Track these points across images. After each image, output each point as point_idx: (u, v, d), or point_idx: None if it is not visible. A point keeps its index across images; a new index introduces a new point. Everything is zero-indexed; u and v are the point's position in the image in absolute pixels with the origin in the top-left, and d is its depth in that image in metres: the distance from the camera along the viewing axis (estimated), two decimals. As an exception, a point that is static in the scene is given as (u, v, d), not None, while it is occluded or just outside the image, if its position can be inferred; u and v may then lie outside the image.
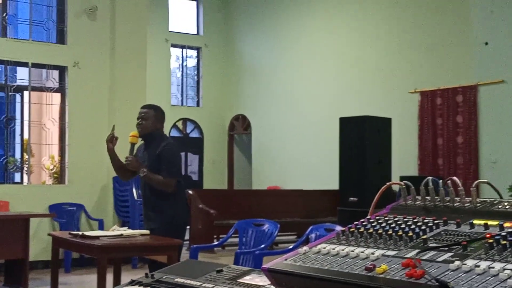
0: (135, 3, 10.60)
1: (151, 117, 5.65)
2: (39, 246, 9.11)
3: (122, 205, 10.10)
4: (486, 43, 11.59)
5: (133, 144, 5.63)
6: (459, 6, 12.36)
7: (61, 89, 10.33)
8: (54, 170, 11.07)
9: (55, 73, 10.39)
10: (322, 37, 15.14)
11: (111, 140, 5.77)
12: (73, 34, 10.24)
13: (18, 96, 11.16)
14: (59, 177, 10.57)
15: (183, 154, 17.68)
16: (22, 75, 10.86)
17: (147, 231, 5.68)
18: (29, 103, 10.54)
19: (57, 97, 10.47)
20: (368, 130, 9.97)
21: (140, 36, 10.64)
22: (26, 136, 10.83)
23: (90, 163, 10.10)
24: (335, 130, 10.67)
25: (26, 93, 10.57)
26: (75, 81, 10.21)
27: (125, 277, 4.34)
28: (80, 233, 5.75)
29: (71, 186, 10.10)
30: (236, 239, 7.13)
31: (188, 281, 2.28)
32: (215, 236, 11.53)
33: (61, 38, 10.36)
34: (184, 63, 18.07)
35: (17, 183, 11.58)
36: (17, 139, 11.19)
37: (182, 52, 17.95)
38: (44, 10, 10.61)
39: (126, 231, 5.78)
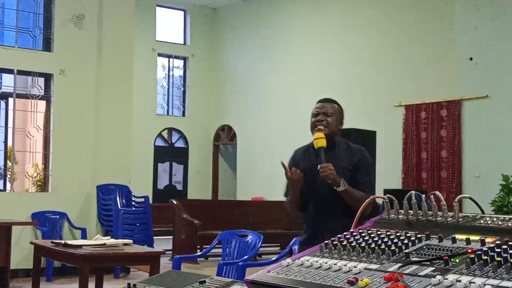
0: (122, 12, 10.59)
1: (336, 112, 4.27)
2: (20, 254, 9.04)
3: (105, 214, 10.05)
4: (471, 58, 11.68)
5: (321, 148, 4.09)
6: (444, 21, 12.46)
7: (46, 97, 10.29)
8: (37, 178, 11.02)
9: (41, 81, 10.35)
10: (308, 49, 15.19)
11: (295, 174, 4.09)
12: (59, 42, 10.22)
13: (2, 103, 11.11)
14: (42, 185, 10.51)
15: (167, 164, 17.66)
16: (8, 82, 10.81)
17: (130, 241, 5.64)
18: (14, 110, 10.48)
19: (42, 104, 10.43)
20: (353, 143, 10.01)
21: (127, 45, 10.63)
22: (10, 143, 10.77)
23: (74, 172, 10.06)
24: (320, 142, 10.67)
25: (11, 100, 10.52)
26: (60, 89, 10.17)
27: (107, 287, 4.32)
28: (62, 241, 5.71)
29: (54, 194, 10.05)
30: (220, 250, 7.12)
31: (171, 292, 2.28)
32: (198, 247, 11.50)
33: (47, 46, 10.33)
34: (171, 73, 18.06)
35: (0, 190, 11.50)
36: (1, 146, 11.13)
37: (168, 61, 17.95)
38: (31, 17, 10.58)
39: (109, 240, 5.75)
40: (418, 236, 1.83)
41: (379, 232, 1.91)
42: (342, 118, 4.29)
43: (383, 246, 1.77)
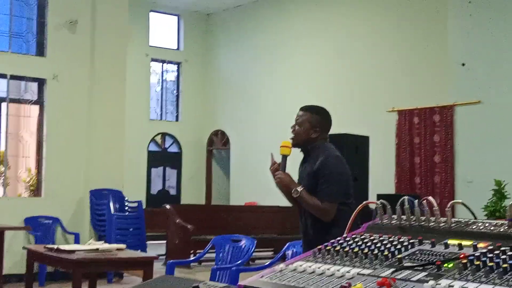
0: (115, 17, 10.59)
1: (305, 121, 4.31)
2: (13, 260, 9.01)
3: (98, 219, 10.03)
4: (463, 64, 11.72)
5: (284, 156, 4.28)
6: (437, 27, 12.50)
7: (39, 102, 10.27)
8: (30, 183, 10.99)
9: (34, 86, 10.34)
10: (301, 54, 15.22)
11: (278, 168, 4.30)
12: (52, 47, 10.20)
13: (-5, 108, 11.07)
14: (35, 189, 10.49)
15: (160, 169, 17.64)
16: (0, 87, 10.79)
17: (123, 246, 5.63)
18: (7, 114, 10.46)
19: (35, 109, 10.41)
20: (346, 148, 10.02)
21: (120, 50, 10.63)
22: (2, 148, 10.74)
23: (67, 176, 10.04)
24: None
25: (4, 104, 10.50)
26: (53, 93, 10.16)
27: (101, 292, 4.32)
28: (55, 246, 5.70)
29: (47, 199, 10.02)
30: (213, 255, 7.12)
31: (164, 297, 2.28)
32: (192, 252, 11.48)
33: (40, 51, 10.32)
34: (164, 78, 18.06)
35: (-8, 195, 11.47)
36: (-6, 150, 11.10)
37: (162, 66, 17.95)
38: (24, 22, 10.57)
39: (102, 245, 5.75)
40: (411, 241, 1.83)
41: (372, 237, 1.92)
42: (317, 126, 4.27)
43: (376, 251, 1.78)
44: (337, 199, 4.12)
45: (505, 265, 1.52)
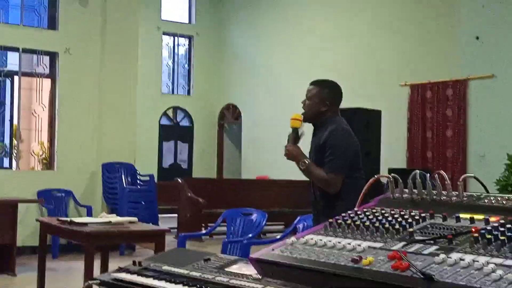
0: (127, -10, 10.55)
1: (315, 95, 4.29)
2: (26, 232, 9.09)
3: (110, 192, 10.08)
4: (477, 38, 11.62)
5: (295, 129, 4.35)
6: (450, 0, 12.38)
7: (51, 75, 10.29)
8: (43, 156, 11.05)
9: (46, 59, 10.35)
10: (314, 28, 15.12)
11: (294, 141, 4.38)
12: (64, 20, 10.19)
13: (8, 81, 11.12)
14: (48, 163, 10.54)
15: (171, 143, 17.68)
16: (13, 60, 10.82)
17: (135, 219, 5.66)
18: (19, 88, 10.48)
19: (47, 83, 10.43)
20: (358, 122, 9.99)
21: (132, 24, 10.60)
22: (15, 121, 10.79)
23: (80, 150, 10.08)
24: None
25: (16, 78, 10.53)
26: (66, 67, 10.16)
27: (113, 264, 4.35)
28: (68, 219, 5.74)
29: (60, 172, 10.08)
30: (224, 228, 7.15)
31: (175, 269, 2.30)
32: (203, 225, 11.54)
33: (52, 24, 10.31)
34: (176, 51, 18.02)
35: (5, 168, 11.54)
36: (7, 124, 11.15)
37: (173, 40, 17.90)
38: (35, -5, 10.56)
39: (114, 218, 5.78)
40: (422, 215, 1.83)
41: (383, 211, 1.91)
42: (326, 99, 4.26)
43: (387, 225, 1.78)
44: (342, 171, 4.12)
45: (516, 239, 1.52)
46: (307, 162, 4.18)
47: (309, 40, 15.23)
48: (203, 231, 10.09)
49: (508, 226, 1.60)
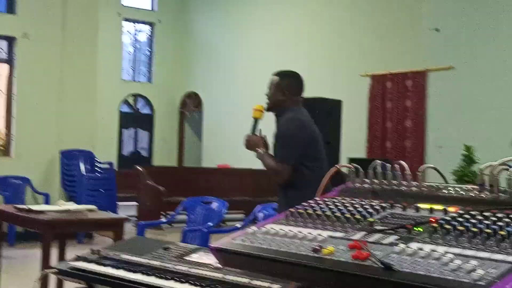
0: (87, -25, 10.41)
1: (274, 85, 4.36)
2: (-18, 219, 8.93)
3: (69, 180, 9.98)
4: (437, 29, 11.74)
5: (255, 120, 4.42)
6: (412, -9, 12.48)
7: (9, 60, 10.11)
8: (0, 143, 10.88)
9: (3, 44, 10.17)
10: (275, 18, 15.13)
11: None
12: (23, 4, 10.02)
13: (-36, 66, 10.88)
14: (5, 149, 10.38)
15: (132, 130, 17.54)
16: (-31, 44, 10.60)
17: (94, 207, 5.61)
18: (-25, 73, 10.30)
19: (4, 68, 10.25)
20: (319, 112, 10.03)
21: (92, 9, 10.48)
22: (-29, 106, 10.60)
23: (37, 136, 9.95)
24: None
25: (-28, 63, 10.33)
26: (24, 52, 10.00)
27: (70, 253, 4.30)
28: (26, 207, 5.65)
29: (17, 159, 9.94)
30: (184, 217, 7.13)
31: (134, 258, 2.28)
32: (163, 213, 11.50)
33: (10, 8, 10.12)
34: (137, 38, 17.85)
35: (-39, 154, 11.34)
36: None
37: (134, 26, 17.72)
38: (-7, -22, 10.35)
39: (73, 206, 5.72)
40: (383, 205, 1.84)
41: (344, 201, 1.92)
42: (284, 89, 4.31)
43: (347, 215, 1.79)
44: (289, 161, 4.15)
45: (474, 229, 1.54)
46: (261, 151, 4.27)
47: (271, 32, 15.22)
48: (163, 220, 10.05)
49: (466, 216, 1.61)
